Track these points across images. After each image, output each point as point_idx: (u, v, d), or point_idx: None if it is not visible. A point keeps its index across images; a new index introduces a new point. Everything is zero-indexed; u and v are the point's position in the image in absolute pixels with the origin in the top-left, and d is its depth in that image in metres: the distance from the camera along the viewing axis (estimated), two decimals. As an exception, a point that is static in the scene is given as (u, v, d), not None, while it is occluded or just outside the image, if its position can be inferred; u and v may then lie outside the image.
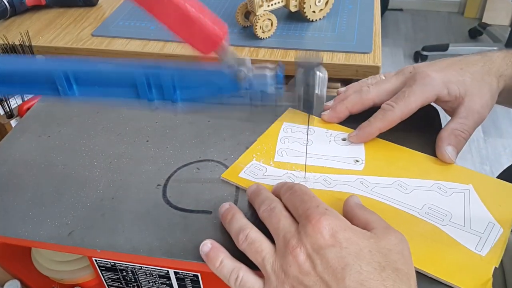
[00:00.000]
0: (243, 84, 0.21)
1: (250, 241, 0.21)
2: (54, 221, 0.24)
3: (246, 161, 0.27)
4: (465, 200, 0.24)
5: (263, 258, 0.20)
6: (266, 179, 0.26)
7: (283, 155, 0.27)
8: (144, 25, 0.52)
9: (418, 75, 0.26)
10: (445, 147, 0.25)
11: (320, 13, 0.51)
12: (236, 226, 0.21)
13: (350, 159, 0.26)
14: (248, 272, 0.20)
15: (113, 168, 0.28)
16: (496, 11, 1.44)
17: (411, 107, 0.26)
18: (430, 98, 0.26)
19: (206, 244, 0.22)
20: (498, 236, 0.22)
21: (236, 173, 0.26)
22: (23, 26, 0.54)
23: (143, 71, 0.21)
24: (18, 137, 0.31)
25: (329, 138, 0.28)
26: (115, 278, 0.26)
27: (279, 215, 0.21)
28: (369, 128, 0.27)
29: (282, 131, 0.29)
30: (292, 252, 0.19)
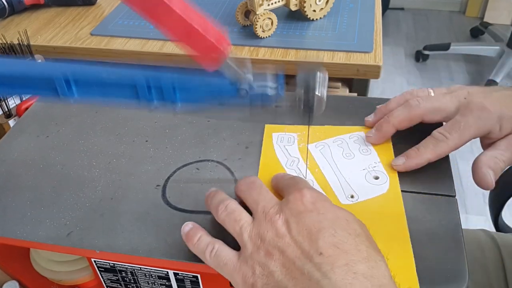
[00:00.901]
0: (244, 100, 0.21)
1: (230, 211, 0.21)
2: (53, 222, 0.24)
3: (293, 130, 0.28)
4: None
5: (241, 226, 0.20)
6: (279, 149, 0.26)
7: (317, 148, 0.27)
8: (143, 24, 0.51)
9: (474, 105, 0.25)
10: (486, 169, 0.24)
11: (320, 12, 0.51)
12: (217, 199, 0.22)
13: (348, 192, 0.24)
14: (223, 245, 0.21)
15: (112, 168, 0.28)
16: (497, 10, 1.44)
17: (465, 140, 0.25)
18: (482, 133, 0.25)
19: (187, 225, 0.22)
20: None
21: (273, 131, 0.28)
22: (21, 25, 0.54)
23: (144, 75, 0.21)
24: (16, 137, 0.31)
25: (367, 167, 0.26)
26: (114, 279, 0.26)
27: (260, 188, 0.22)
28: (418, 159, 0.25)
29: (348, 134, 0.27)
30: (271, 219, 0.20)
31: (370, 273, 0.17)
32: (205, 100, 0.22)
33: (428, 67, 1.30)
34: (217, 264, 0.20)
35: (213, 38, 0.20)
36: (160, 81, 0.21)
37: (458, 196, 0.25)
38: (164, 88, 0.21)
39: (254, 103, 0.22)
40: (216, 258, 0.20)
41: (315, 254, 0.18)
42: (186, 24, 0.20)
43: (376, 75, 0.46)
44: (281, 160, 0.27)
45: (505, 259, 0.34)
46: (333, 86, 0.51)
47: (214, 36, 0.20)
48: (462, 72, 1.28)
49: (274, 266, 0.18)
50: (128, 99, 0.22)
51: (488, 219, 0.32)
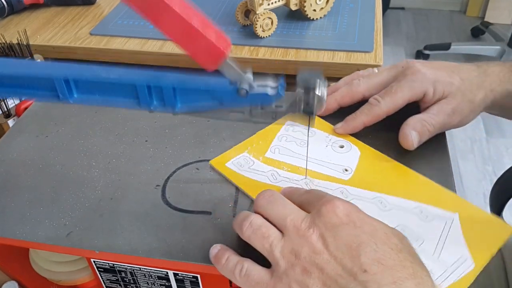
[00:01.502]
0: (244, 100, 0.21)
1: (256, 227, 0.19)
2: (52, 222, 0.24)
3: (238, 152, 0.27)
4: (445, 229, 0.22)
5: (271, 243, 0.19)
6: (250, 173, 0.26)
7: (275, 152, 0.27)
8: (142, 24, 0.51)
9: (409, 70, 0.26)
10: (410, 130, 0.25)
11: (320, 11, 0.51)
12: (240, 217, 0.21)
13: (340, 167, 0.26)
14: (253, 263, 0.20)
15: (112, 168, 0.28)
16: (498, 10, 1.43)
17: (398, 102, 0.26)
18: (418, 95, 0.26)
19: (216, 247, 0.21)
20: (466, 271, 0.20)
21: (223, 162, 0.26)
22: (21, 25, 0.54)
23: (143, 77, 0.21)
24: (15, 137, 0.31)
25: (327, 143, 0.28)
26: (114, 280, 0.26)
27: (283, 202, 0.20)
28: (354, 121, 0.27)
29: (283, 129, 0.29)
30: (305, 234, 0.18)
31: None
32: (205, 101, 0.22)
33: (429, 67, 1.30)
34: (248, 283, 0.19)
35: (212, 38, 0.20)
36: (160, 82, 0.21)
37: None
38: (164, 89, 0.21)
39: (254, 103, 0.22)
40: (247, 278, 0.19)
41: (359, 271, 0.17)
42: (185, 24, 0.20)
43: (377, 74, 0.46)
44: (262, 180, 0.25)
45: (506, 259, 0.34)
46: (333, 86, 0.51)
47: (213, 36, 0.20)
48: (462, 71, 1.28)
49: (313, 284, 0.17)
50: (128, 100, 0.22)
51: (489, 219, 0.32)
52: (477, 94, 0.26)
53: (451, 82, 0.26)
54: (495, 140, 1.06)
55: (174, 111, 0.22)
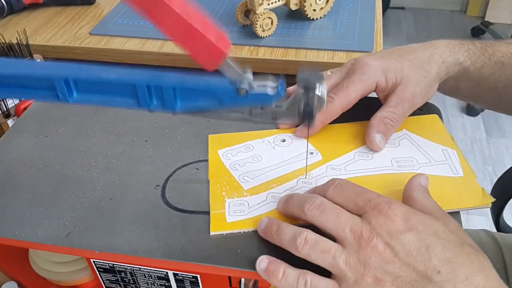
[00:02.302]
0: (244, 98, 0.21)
1: (312, 243, 0.19)
2: (52, 222, 0.24)
3: (220, 205, 0.24)
4: (412, 143, 0.26)
5: (334, 256, 0.19)
6: (256, 210, 0.24)
7: (248, 181, 0.25)
8: (142, 24, 0.51)
9: (357, 64, 0.26)
10: (374, 134, 0.26)
11: (320, 11, 0.50)
12: (288, 233, 0.20)
13: (304, 155, 0.27)
14: (315, 275, 0.19)
15: (112, 168, 0.28)
16: (499, 9, 1.43)
17: (350, 97, 0.26)
18: (370, 87, 0.26)
19: (263, 260, 0.20)
20: (457, 156, 0.25)
21: (223, 221, 0.23)
22: (20, 25, 0.53)
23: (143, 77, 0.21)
24: (15, 137, 0.31)
25: (270, 145, 0.28)
26: (114, 280, 0.26)
27: (334, 210, 0.20)
28: None
29: (223, 159, 0.27)
30: (370, 243, 0.18)
31: (487, 283, 0.17)
32: (205, 101, 0.22)
33: (429, 67, 1.30)
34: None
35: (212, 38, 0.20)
36: (160, 83, 0.21)
37: None
38: (164, 89, 0.21)
39: (254, 103, 0.22)
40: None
41: (434, 273, 0.17)
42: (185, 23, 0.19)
43: (377, 74, 0.45)
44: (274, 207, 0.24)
45: (506, 260, 0.34)
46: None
47: (213, 36, 0.20)
48: (463, 71, 1.28)
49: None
50: (127, 100, 0.22)
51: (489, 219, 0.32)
52: (430, 68, 0.26)
53: (401, 66, 0.26)
54: (496, 140, 1.06)
55: (174, 111, 0.22)
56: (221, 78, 0.21)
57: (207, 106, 0.22)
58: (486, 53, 0.27)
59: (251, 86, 0.21)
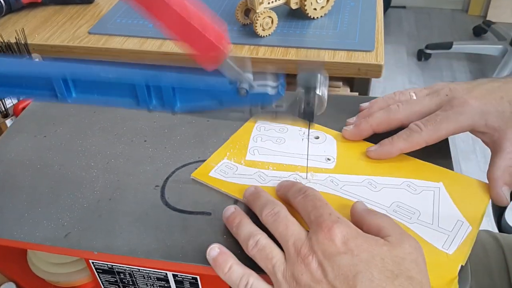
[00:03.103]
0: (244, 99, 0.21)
1: (260, 248, 0.20)
2: (50, 223, 0.24)
3: (217, 159, 0.27)
4: (434, 198, 0.24)
5: (274, 265, 0.20)
6: (237, 178, 0.25)
7: (255, 154, 0.27)
8: (142, 23, 0.51)
9: (455, 100, 0.25)
10: (501, 187, 0.24)
11: (321, 10, 0.50)
12: (245, 231, 0.21)
13: (322, 157, 0.26)
14: (258, 278, 0.20)
15: (111, 168, 0.27)
16: (500, 8, 1.43)
17: (441, 133, 0.24)
18: (464, 128, 0.25)
19: (214, 249, 0.21)
20: (466, 234, 0.22)
21: (206, 172, 0.26)
22: (18, 24, 0.53)
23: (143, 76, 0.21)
24: (13, 137, 0.30)
25: (301, 136, 0.28)
26: (113, 281, 0.26)
27: (286, 221, 0.21)
28: (390, 146, 0.25)
29: (255, 129, 0.28)
30: (304, 260, 0.19)
31: None
32: (204, 101, 0.22)
33: (430, 66, 1.30)
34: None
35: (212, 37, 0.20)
36: (159, 82, 0.21)
37: None
38: (163, 89, 0.21)
39: (254, 103, 0.22)
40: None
41: None
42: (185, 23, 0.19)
43: (378, 74, 0.45)
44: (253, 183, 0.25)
45: (508, 260, 0.34)
46: (334, 86, 0.51)
47: (213, 35, 0.20)
48: (464, 71, 1.27)
49: None
50: (127, 100, 0.22)
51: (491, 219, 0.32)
52: None
53: (502, 110, 0.24)
54: (497, 139, 1.05)
55: (173, 111, 0.22)
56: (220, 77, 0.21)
57: (207, 106, 0.22)
58: None
59: (251, 86, 0.21)
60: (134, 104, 0.22)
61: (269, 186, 0.25)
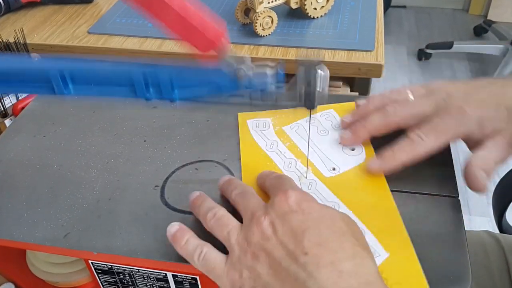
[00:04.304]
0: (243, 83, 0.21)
1: (218, 217, 0.21)
2: (50, 223, 0.24)
3: (267, 115, 0.29)
4: None
5: (228, 231, 0.20)
6: (257, 134, 0.27)
7: (293, 129, 0.28)
8: (141, 23, 0.51)
9: (453, 108, 0.24)
10: (478, 170, 0.23)
11: (321, 10, 0.50)
12: (206, 206, 0.22)
13: (330, 165, 0.26)
14: (212, 248, 0.20)
15: (110, 168, 0.27)
16: (501, 8, 1.42)
17: (441, 143, 0.24)
18: (462, 137, 0.24)
19: (174, 226, 0.21)
20: None
21: (247, 118, 0.29)
22: (17, 24, 0.53)
23: (141, 70, 0.21)
24: (12, 137, 0.30)
25: (337, 142, 0.27)
26: (112, 281, 0.26)
27: (250, 196, 0.22)
28: (392, 161, 0.24)
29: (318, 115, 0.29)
30: (257, 221, 0.19)
31: (355, 270, 0.17)
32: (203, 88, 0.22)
33: (431, 66, 1.29)
34: (205, 268, 0.20)
35: (211, 35, 0.19)
36: (158, 76, 0.21)
37: (461, 197, 0.24)
38: (162, 84, 0.21)
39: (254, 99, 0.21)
40: (205, 262, 0.20)
41: (301, 254, 0.18)
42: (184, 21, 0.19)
43: (378, 74, 0.45)
44: (260, 144, 0.27)
45: (509, 261, 0.34)
46: (334, 85, 0.50)
47: (212, 33, 0.20)
48: (465, 71, 1.27)
49: (261, 268, 0.18)
50: (125, 94, 0.21)
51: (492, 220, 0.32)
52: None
53: (499, 117, 0.24)
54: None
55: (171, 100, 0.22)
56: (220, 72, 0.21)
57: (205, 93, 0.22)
58: None
59: (249, 69, 0.21)
60: (131, 94, 0.21)
61: (267, 155, 0.26)
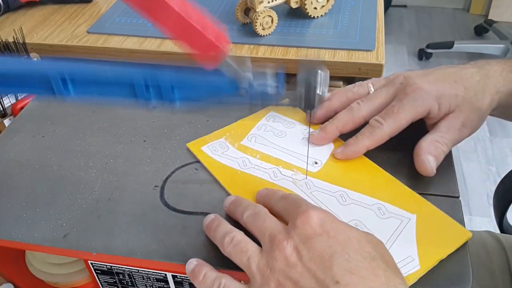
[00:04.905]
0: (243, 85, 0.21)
1: (236, 243, 0.20)
2: (49, 223, 0.24)
3: (216, 137, 0.28)
4: (399, 227, 0.22)
5: (248, 257, 0.19)
6: (222, 158, 0.27)
7: (251, 140, 0.28)
8: (141, 22, 0.51)
9: (409, 87, 0.25)
10: (425, 155, 0.24)
11: (321, 9, 0.50)
12: (222, 231, 0.21)
13: (310, 160, 0.26)
14: (231, 279, 0.20)
15: (109, 169, 0.27)
16: (502, 7, 1.42)
17: (401, 123, 0.25)
18: (422, 114, 0.25)
19: (192, 262, 0.21)
20: (410, 271, 0.20)
21: (199, 146, 0.27)
22: (16, 23, 0.53)
23: (141, 72, 0.21)
24: (11, 137, 0.30)
25: (304, 135, 0.28)
26: (112, 282, 0.26)
27: (264, 217, 0.21)
28: (355, 146, 0.25)
29: (264, 119, 0.29)
30: (279, 246, 0.18)
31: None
32: (204, 99, 0.22)
33: (431, 66, 1.27)
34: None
35: (212, 36, 0.19)
36: (158, 80, 0.21)
37: (462, 197, 0.25)
38: (162, 87, 0.21)
39: (254, 102, 0.21)
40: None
41: (331, 283, 0.17)
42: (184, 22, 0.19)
43: (378, 73, 0.45)
44: (233, 165, 0.26)
45: (510, 261, 0.34)
46: (334, 85, 0.50)
47: (213, 34, 0.20)
48: (465, 70, 1.27)
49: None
50: (125, 98, 0.21)
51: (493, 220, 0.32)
52: (484, 100, 0.25)
53: (456, 94, 0.24)
54: (499, 140, 1.05)
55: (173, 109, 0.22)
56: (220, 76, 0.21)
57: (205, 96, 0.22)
58: None
59: (251, 85, 0.21)
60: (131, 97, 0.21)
61: (247, 173, 0.25)
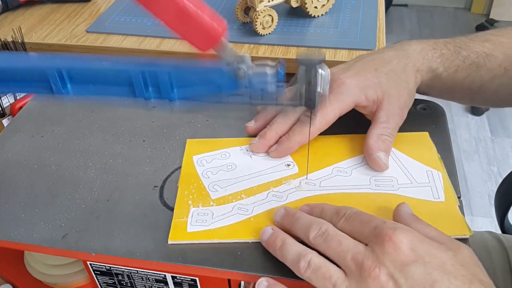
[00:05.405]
0: (243, 82, 0.20)
1: (315, 268, 0.19)
2: (48, 224, 0.24)
3: (184, 212, 0.23)
4: (396, 161, 0.26)
5: (334, 284, 0.18)
6: (220, 221, 0.23)
7: (218, 190, 0.25)
8: (140, 21, 0.51)
9: (334, 83, 0.26)
10: (376, 154, 0.25)
11: (322, 8, 0.50)
12: (292, 253, 0.20)
13: (281, 166, 0.26)
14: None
15: (109, 169, 0.27)
16: (504, 6, 1.42)
17: (329, 117, 0.25)
18: (348, 106, 0.26)
19: (262, 283, 0.20)
20: (441, 179, 0.24)
21: (183, 231, 0.22)
22: (15, 22, 0.53)
23: (139, 69, 0.21)
24: (10, 137, 0.30)
25: (247, 154, 0.27)
26: (111, 283, 0.26)
27: (337, 237, 0.20)
28: (288, 143, 0.26)
29: (196, 165, 0.26)
30: (371, 274, 0.18)
31: None
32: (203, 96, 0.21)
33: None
34: None
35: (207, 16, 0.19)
36: (157, 75, 0.21)
37: (463, 197, 0.25)
38: (161, 82, 0.21)
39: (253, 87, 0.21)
40: None
41: None
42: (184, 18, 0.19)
43: (379, 73, 0.45)
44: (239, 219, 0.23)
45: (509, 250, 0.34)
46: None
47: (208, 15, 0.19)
48: (466, 69, 1.27)
49: None
50: (124, 95, 0.21)
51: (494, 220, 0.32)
52: (407, 78, 0.26)
53: (379, 82, 0.25)
54: (501, 140, 1.05)
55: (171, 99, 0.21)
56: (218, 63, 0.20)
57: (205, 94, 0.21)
58: (460, 56, 0.26)
59: (249, 68, 0.20)
60: (130, 94, 0.21)
61: (254, 215, 0.23)
